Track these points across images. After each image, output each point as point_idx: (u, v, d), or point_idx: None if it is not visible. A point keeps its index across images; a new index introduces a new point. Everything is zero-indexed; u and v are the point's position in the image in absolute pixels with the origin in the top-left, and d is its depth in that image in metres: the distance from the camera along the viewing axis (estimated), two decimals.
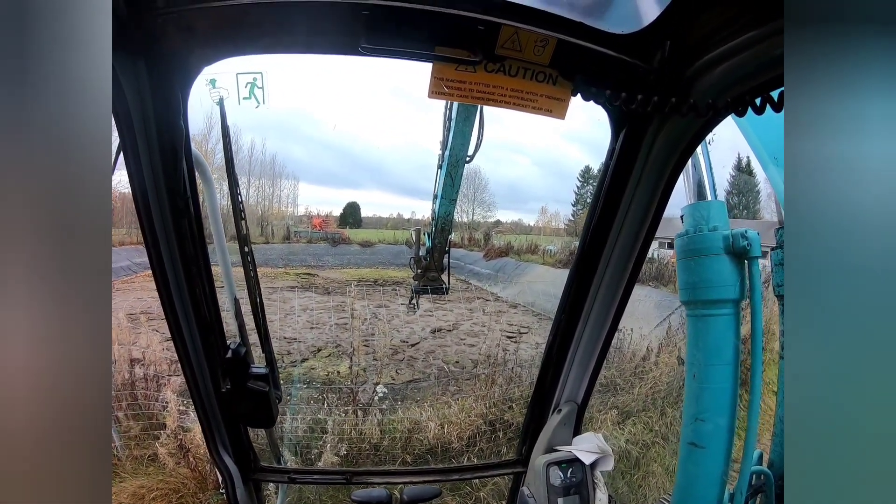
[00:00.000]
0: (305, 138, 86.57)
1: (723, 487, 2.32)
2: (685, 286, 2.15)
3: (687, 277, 2.12)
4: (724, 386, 2.24)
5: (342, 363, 11.64)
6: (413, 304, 8.54)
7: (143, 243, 1.48)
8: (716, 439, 2.27)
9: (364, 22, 1.17)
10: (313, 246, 43.99)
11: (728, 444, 2.30)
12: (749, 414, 2.30)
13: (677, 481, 2.47)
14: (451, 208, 7.63)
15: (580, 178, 64.16)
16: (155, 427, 6.96)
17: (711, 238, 2.04)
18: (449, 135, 6.96)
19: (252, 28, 1.22)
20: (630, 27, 1.25)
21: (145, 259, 1.49)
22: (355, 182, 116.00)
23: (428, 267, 8.17)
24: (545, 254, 34.96)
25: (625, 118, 1.50)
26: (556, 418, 2.16)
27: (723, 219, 2.07)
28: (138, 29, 1.16)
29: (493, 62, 1.29)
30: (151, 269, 1.54)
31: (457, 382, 9.48)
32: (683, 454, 2.37)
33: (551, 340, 2.06)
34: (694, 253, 2.00)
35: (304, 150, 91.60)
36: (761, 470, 2.50)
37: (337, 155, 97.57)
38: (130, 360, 8.19)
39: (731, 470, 2.35)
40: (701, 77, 1.31)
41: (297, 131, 79.97)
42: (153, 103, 1.31)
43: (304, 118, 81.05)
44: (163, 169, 1.41)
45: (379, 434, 7.28)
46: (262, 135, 61.96)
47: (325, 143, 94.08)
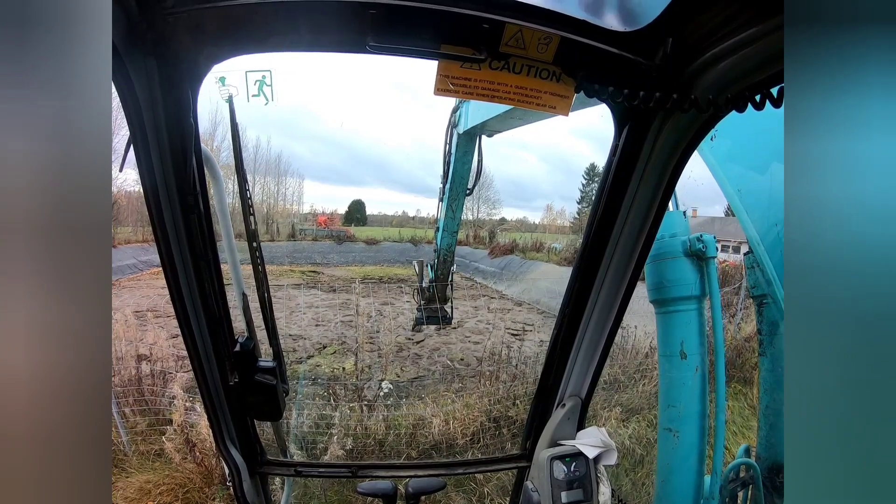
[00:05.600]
0: (310, 135, 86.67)
1: (700, 467, 2.53)
2: (652, 287, 2.56)
3: (653, 279, 2.53)
4: (691, 374, 2.55)
5: (347, 360, 11.69)
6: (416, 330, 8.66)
7: (149, 241, 1.50)
8: (687, 424, 2.57)
9: (371, 20, 1.19)
10: (318, 244, 44.06)
11: (700, 429, 2.56)
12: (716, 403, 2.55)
13: (658, 465, 2.68)
14: (452, 240, 7.74)
15: (586, 175, 64.27)
16: (161, 423, 7.02)
17: (672, 244, 2.47)
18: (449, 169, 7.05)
19: (261, 26, 1.23)
20: (632, 24, 1.27)
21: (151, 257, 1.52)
22: (360, 180, 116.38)
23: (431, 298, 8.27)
24: (550, 251, 34.90)
25: (628, 115, 1.51)
26: (560, 413, 2.17)
27: (683, 226, 2.51)
28: (149, 28, 1.17)
29: (498, 60, 1.31)
30: (162, 265, 1.56)
31: (461, 379, 9.50)
32: (661, 439, 2.69)
33: (555, 335, 2.08)
34: (658, 257, 2.32)
35: (308, 148, 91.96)
36: (749, 462, 2.65)
37: (342, 152, 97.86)
38: (137, 356, 8.23)
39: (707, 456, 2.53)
40: (703, 74, 1.32)
41: (302, 128, 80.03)
42: (163, 101, 1.33)
43: (308, 115, 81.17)
44: (173, 166, 1.43)
45: (384, 429, 7.32)
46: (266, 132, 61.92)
47: (330, 140, 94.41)
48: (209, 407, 1.90)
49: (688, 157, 1.61)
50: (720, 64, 1.28)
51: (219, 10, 1.18)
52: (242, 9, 1.18)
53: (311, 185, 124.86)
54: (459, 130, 6.74)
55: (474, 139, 6.80)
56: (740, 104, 1.25)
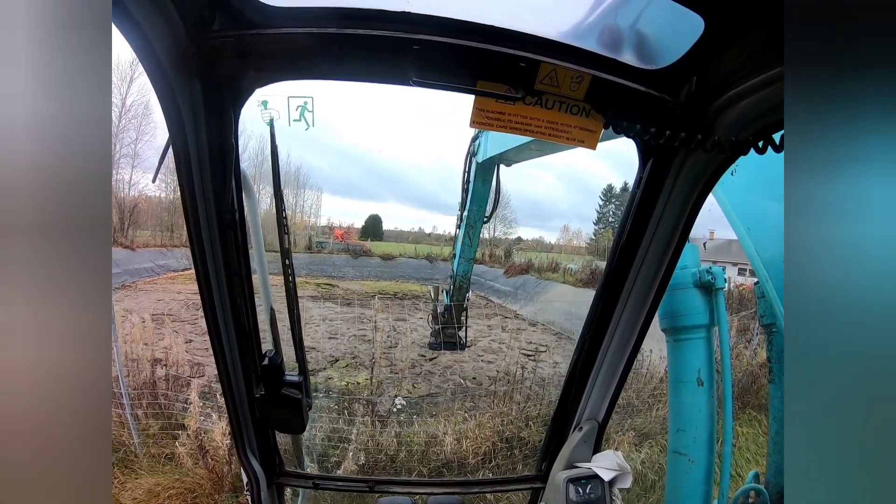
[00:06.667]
0: (330, 148, 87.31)
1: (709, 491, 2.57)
2: (664, 315, 2.68)
3: (665, 308, 2.64)
4: (701, 399, 2.65)
5: (360, 374, 11.70)
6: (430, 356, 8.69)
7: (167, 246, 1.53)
8: (695, 448, 2.65)
9: (414, 55, 1.24)
10: (334, 257, 44.17)
11: (708, 453, 2.66)
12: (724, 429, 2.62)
13: (667, 487, 2.71)
14: (469, 267, 7.85)
15: (603, 196, 63.97)
16: (174, 427, 7.09)
17: (683, 275, 2.61)
18: (467, 197, 7.15)
19: (307, 55, 1.27)
20: (659, 62, 1.32)
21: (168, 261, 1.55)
22: (377, 195, 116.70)
23: (446, 324, 8.33)
24: (566, 272, 34.65)
25: (652, 149, 1.56)
26: (577, 436, 2.18)
27: (693, 258, 2.67)
28: (196, 50, 1.21)
29: (532, 96, 1.35)
30: (196, 278, 1.59)
31: (473, 398, 9.47)
32: (670, 462, 2.78)
33: (575, 359, 2.09)
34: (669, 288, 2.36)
35: (327, 161, 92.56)
36: (758, 488, 2.68)
37: (359, 166, 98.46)
38: (153, 359, 8.32)
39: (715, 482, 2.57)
40: (725, 111, 1.36)
41: (322, 141, 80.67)
42: (206, 121, 1.36)
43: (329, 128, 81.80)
44: (212, 183, 1.46)
45: (396, 445, 7.31)
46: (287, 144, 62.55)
47: (348, 154, 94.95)
48: (233, 416, 1.93)
49: (709, 191, 1.65)
50: (742, 102, 1.32)
51: (265, 37, 1.22)
52: (289, 37, 1.23)
53: (328, 199, 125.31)
54: (478, 159, 6.84)
55: (492, 168, 6.90)
56: (761, 144, 1.28)
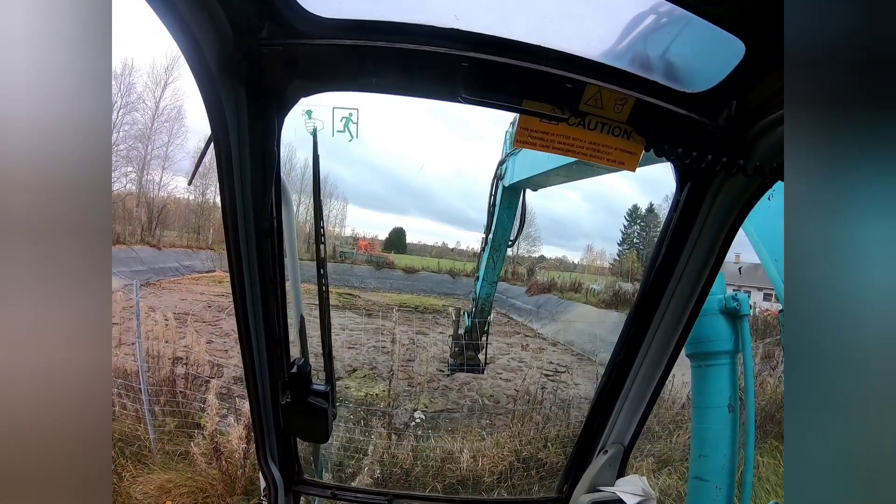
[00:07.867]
0: (357, 160, 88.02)
1: None
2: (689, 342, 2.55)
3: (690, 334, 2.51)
4: (724, 426, 2.63)
5: (377, 385, 11.69)
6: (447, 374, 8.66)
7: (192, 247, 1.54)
8: (717, 474, 2.63)
9: (464, 72, 1.25)
10: (357, 267, 44.47)
11: (730, 479, 2.63)
12: (745, 457, 2.64)
13: None
14: (492, 290, 7.85)
15: (628, 216, 63.32)
16: (189, 426, 7.14)
17: (709, 301, 2.43)
18: (493, 220, 7.17)
19: (354, 67, 1.29)
20: (700, 86, 1.32)
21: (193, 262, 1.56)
22: (402, 208, 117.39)
23: (467, 346, 8.32)
24: (588, 293, 34.40)
25: (691, 173, 1.55)
26: (602, 459, 2.15)
27: (719, 284, 2.58)
28: (243, 57, 1.23)
29: (577, 117, 1.35)
30: (231, 283, 1.59)
31: (490, 417, 9.38)
32: (690, 488, 2.76)
33: (604, 381, 2.07)
34: None
35: (354, 172, 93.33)
36: None
37: (385, 180, 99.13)
38: (174, 357, 8.42)
39: None
40: (764, 136, 1.35)
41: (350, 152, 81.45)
42: (250, 128, 1.37)
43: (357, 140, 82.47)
44: (252, 190, 1.47)
45: (412, 459, 7.27)
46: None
47: (374, 166, 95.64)
48: (256, 421, 1.94)
49: (745, 216, 1.63)
50: (780, 127, 1.30)
51: (313, 47, 1.24)
52: (336, 48, 1.24)
53: (353, 210, 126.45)
54: (505, 183, 6.85)
55: (519, 192, 6.90)
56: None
